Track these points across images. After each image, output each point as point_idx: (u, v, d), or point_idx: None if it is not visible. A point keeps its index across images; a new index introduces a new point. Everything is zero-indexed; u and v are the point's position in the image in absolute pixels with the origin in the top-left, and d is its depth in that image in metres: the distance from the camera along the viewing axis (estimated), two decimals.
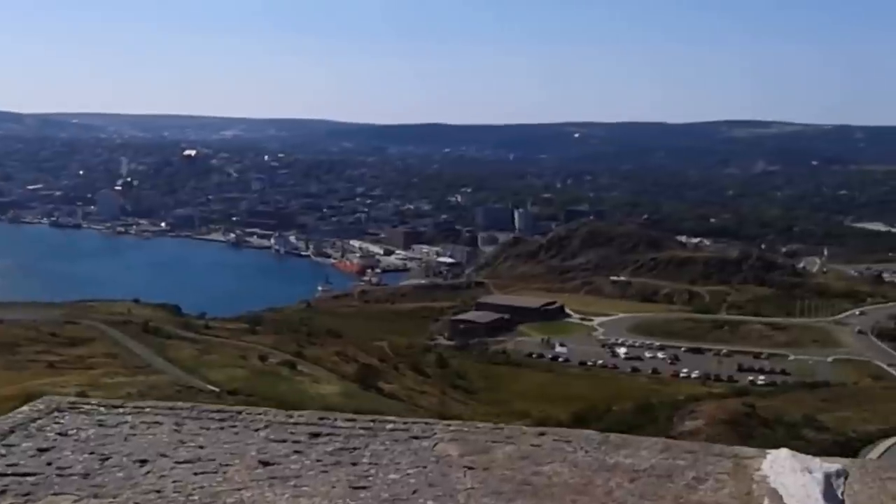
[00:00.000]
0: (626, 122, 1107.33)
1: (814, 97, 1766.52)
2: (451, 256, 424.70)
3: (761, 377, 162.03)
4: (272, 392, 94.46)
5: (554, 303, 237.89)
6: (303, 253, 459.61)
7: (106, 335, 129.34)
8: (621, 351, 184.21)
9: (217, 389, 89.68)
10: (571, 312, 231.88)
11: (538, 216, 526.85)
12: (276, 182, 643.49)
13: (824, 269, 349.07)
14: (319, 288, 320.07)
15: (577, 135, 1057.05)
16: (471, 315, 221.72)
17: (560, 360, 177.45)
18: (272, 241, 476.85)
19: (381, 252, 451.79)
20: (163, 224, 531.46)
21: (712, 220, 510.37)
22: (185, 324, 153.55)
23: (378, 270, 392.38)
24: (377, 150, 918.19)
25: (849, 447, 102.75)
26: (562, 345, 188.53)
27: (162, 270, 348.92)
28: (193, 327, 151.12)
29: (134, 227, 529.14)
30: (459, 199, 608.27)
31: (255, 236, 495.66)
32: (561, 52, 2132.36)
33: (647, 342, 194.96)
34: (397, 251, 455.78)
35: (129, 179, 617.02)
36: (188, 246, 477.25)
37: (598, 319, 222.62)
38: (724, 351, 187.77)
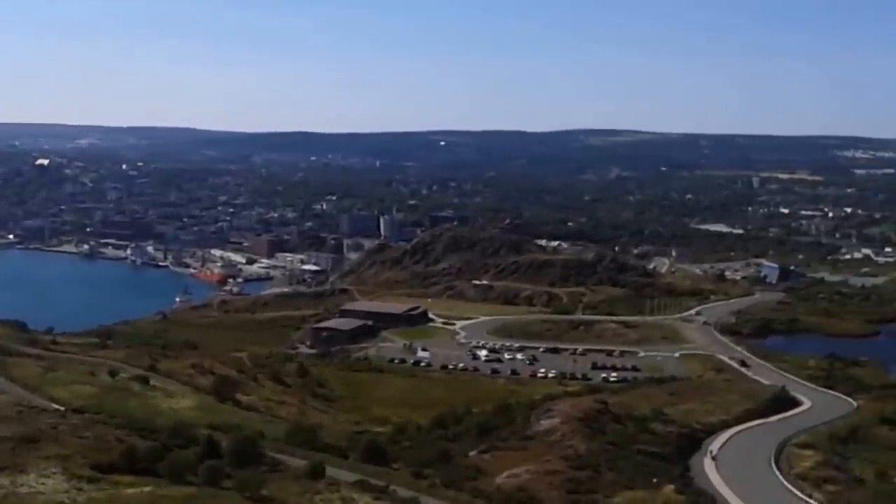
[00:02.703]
0: (489, 131, 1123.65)
1: (663, 107, 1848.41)
2: (315, 264, 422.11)
3: (614, 374, 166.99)
4: (121, 409, 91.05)
5: (417, 308, 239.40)
6: (161, 263, 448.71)
7: None
8: (482, 354, 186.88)
9: (61, 408, 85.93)
10: (434, 317, 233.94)
11: (404, 222, 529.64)
12: (134, 191, 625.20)
13: (672, 269, 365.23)
14: (177, 299, 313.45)
15: (442, 143, 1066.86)
16: (333, 322, 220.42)
17: (422, 364, 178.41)
18: (128, 251, 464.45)
19: (244, 261, 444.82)
20: (11, 236, 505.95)
21: (570, 224, 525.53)
22: (30, 340, 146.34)
23: (240, 280, 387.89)
24: (242, 159, 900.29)
25: (694, 439, 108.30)
26: (424, 349, 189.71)
27: (8, 284, 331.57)
28: (40, 343, 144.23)
29: None
30: (325, 206, 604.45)
31: (109, 247, 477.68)
32: (426, 63, 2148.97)
33: (508, 344, 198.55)
34: (261, 260, 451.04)
35: None
36: (38, 258, 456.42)
37: (460, 323, 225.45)
38: (580, 350, 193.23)
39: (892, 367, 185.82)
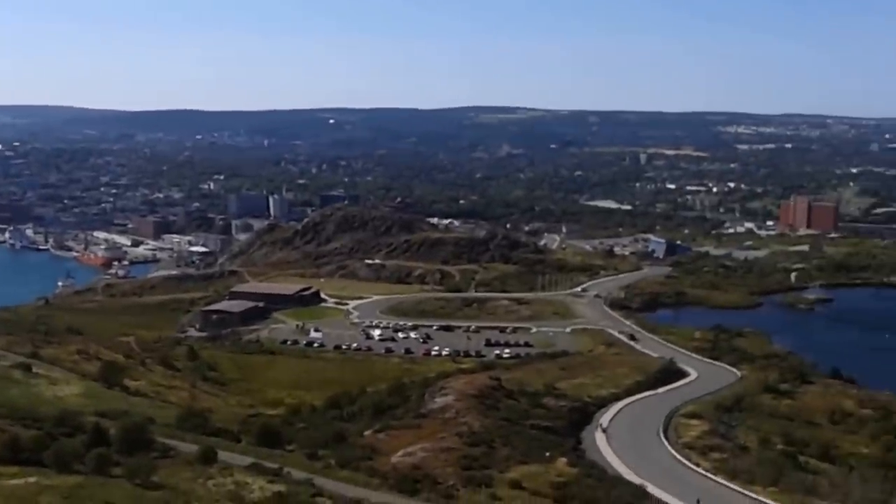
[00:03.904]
0: (379, 108, 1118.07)
1: (553, 84, 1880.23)
2: (203, 245, 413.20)
3: (507, 350, 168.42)
4: (2, 398, 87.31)
5: (309, 288, 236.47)
6: (41, 247, 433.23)
7: None
8: (375, 333, 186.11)
9: None
10: (327, 297, 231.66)
11: (293, 202, 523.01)
12: (10, 173, 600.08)
13: (563, 246, 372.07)
14: (60, 283, 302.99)
15: (331, 121, 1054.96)
16: (223, 305, 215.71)
17: (315, 345, 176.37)
18: (6, 235, 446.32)
19: (129, 243, 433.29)
20: None
21: (462, 201, 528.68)
22: None
23: (125, 262, 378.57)
24: (124, 138, 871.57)
25: (585, 412, 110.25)
26: (317, 330, 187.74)
27: None
28: None
29: None
30: (212, 186, 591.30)
31: None
32: (313, 41, 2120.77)
33: (401, 323, 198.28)
34: (146, 242, 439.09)
35: None
36: None
37: (353, 303, 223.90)
38: (473, 327, 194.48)
39: (774, 337, 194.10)
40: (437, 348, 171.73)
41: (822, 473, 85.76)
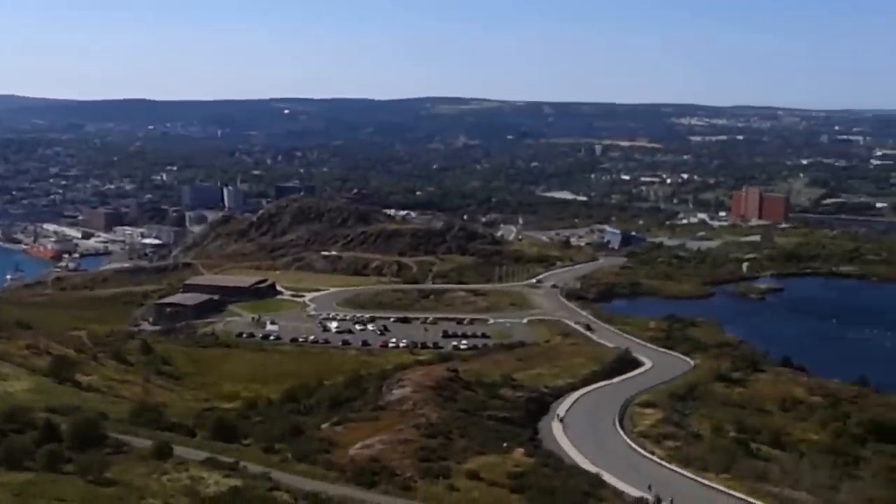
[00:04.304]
0: (334, 99, 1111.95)
1: (509, 75, 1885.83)
2: (156, 238, 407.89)
3: (464, 342, 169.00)
4: None
5: (265, 281, 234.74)
6: None
7: None
8: (332, 325, 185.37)
9: None
10: (283, 289, 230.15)
11: (248, 193, 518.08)
12: None
13: (519, 237, 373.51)
14: (8, 276, 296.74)
15: (286, 111, 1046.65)
16: (177, 298, 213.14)
17: (271, 338, 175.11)
18: None
19: (80, 235, 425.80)
20: None
21: (418, 193, 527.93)
22: None
23: (76, 255, 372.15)
24: (73, 128, 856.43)
25: (542, 402, 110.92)
26: (273, 323, 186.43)
27: None
28: None
29: None
30: (165, 177, 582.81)
31: None
32: (267, 30, 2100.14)
33: (358, 315, 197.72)
34: (98, 234, 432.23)
35: None
36: None
37: (309, 295, 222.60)
38: (430, 319, 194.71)
39: (727, 326, 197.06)
40: (394, 340, 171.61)
41: (774, 460, 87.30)
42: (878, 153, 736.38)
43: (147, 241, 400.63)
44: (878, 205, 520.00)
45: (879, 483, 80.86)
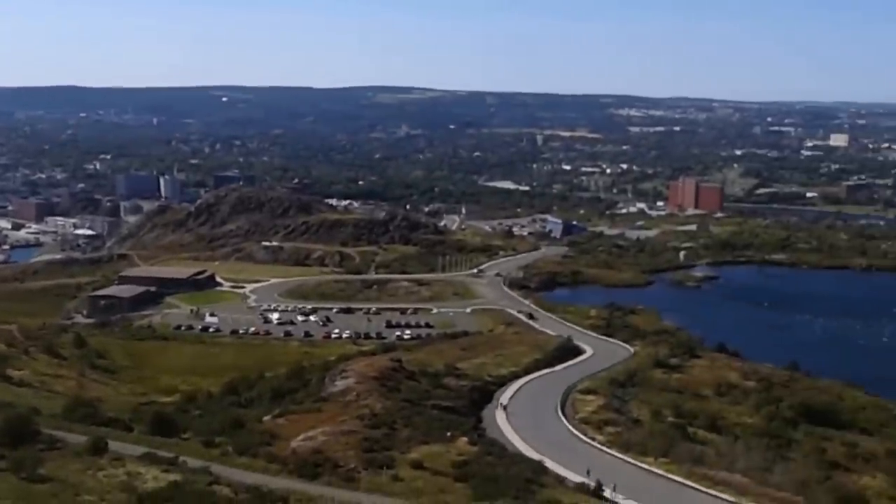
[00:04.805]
0: (274, 87, 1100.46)
1: (451, 65, 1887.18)
2: (90, 228, 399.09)
3: (407, 332, 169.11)
4: None
5: (204, 272, 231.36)
6: None
7: None
8: (274, 317, 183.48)
9: None
10: (223, 281, 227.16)
11: (186, 183, 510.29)
12: None
13: (463, 226, 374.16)
14: None
15: (224, 98, 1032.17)
16: (113, 290, 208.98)
17: (211, 330, 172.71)
18: None
19: (9, 226, 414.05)
20: None
21: (361, 182, 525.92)
22: None
23: (5, 247, 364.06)
24: (2, 115, 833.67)
25: (486, 391, 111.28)
26: (212, 315, 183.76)
27: None
28: None
29: None
30: (98, 166, 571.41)
31: None
32: (200, 13, 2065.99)
33: (300, 306, 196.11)
34: (28, 225, 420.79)
35: None
36: None
37: (250, 286, 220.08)
38: (374, 309, 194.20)
39: (665, 313, 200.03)
40: (337, 331, 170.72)
41: (710, 443, 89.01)
42: (809, 144, 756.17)
43: (80, 231, 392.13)
44: (809, 194, 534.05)
45: (810, 463, 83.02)
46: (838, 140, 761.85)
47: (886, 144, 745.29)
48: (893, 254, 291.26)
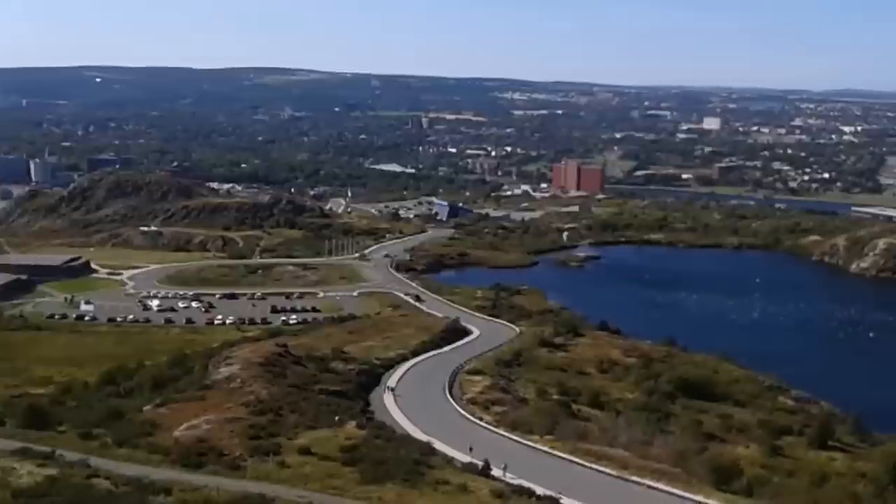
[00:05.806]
0: (150, 67, 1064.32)
1: (335, 47, 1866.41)
2: None
3: (293, 317, 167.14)
4: None
5: (78, 259, 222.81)
6: None
7: None
8: (154, 304, 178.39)
9: None
10: (98, 268, 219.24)
11: (58, 166, 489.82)
12: None
13: (349, 210, 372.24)
14: None
15: (98, 79, 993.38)
16: None
17: (87, 318, 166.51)
18: None
19: None
20: None
21: (243, 165, 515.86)
22: None
23: None
24: None
25: (373, 374, 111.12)
26: (88, 302, 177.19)
27: None
28: None
29: None
30: None
31: None
32: None
33: (182, 292, 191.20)
34: None
35: None
36: None
37: (128, 273, 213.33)
38: (259, 294, 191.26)
39: (549, 293, 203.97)
40: (220, 317, 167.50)
41: (593, 419, 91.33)
42: (684, 127, 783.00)
43: None
44: (684, 176, 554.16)
45: (687, 436, 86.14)
46: (711, 123, 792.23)
47: (756, 128, 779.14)
48: (763, 233, 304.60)
